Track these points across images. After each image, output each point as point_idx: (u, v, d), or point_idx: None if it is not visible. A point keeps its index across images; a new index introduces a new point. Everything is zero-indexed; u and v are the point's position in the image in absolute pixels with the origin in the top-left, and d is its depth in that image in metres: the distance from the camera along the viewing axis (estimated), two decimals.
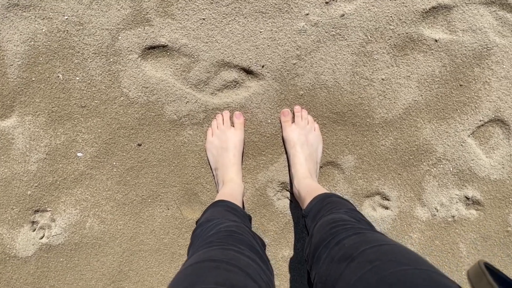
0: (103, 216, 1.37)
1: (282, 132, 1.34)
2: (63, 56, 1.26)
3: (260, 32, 1.26)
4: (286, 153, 1.36)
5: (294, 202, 1.39)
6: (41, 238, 1.36)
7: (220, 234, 0.86)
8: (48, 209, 1.35)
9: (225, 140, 1.30)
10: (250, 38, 1.26)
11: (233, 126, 1.32)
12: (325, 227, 0.88)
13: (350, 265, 0.68)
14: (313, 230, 0.94)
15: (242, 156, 1.35)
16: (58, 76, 1.27)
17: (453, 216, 1.39)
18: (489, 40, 1.26)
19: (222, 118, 1.32)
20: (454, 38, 1.27)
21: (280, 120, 1.33)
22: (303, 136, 1.29)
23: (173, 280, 0.67)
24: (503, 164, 1.35)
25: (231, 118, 1.32)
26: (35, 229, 1.36)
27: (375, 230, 0.84)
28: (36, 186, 1.33)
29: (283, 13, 1.25)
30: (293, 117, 1.32)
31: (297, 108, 1.31)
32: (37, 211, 1.35)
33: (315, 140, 1.32)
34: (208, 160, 1.36)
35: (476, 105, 1.31)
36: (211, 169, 1.37)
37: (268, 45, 1.27)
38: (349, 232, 0.79)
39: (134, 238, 1.40)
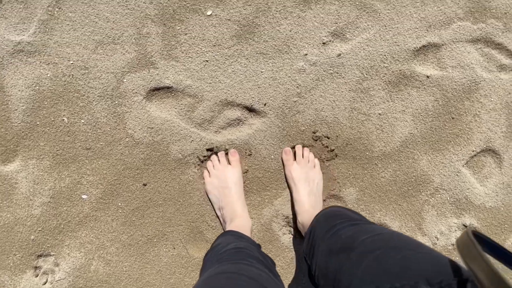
0: (108, 258, 1.36)
1: (284, 169, 1.37)
2: (68, 100, 1.27)
3: (262, 72, 1.31)
4: (289, 189, 1.38)
5: (298, 237, 1.41)
6: (44, 283, 1.33)
7: (230, 252, 0.88)
8: (52, 253, 1.33)
9: (224, 179, 1.31)
10: (252, 78, 1.31)
11: (229, 164, 1.34)
12: (320, 223, 0.91)
13: (350, 256, 0.67)
14: (309, 229, 0.99)
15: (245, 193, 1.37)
16: (63, 119, 1.28)
17: (453, 244, 1.43)
18: (476, 75, 1.34)
19: (217, 159, 1.34)
20: (444, 74, 1.34)
21: (281, 158, 1.37)
22: (304, 174, 1.33)
23: None
24: (496, 192, 1.41)
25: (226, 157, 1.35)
26: (38, 275, 1.33)
27: (370, 222, 0.85)
28: (39, 230, 1.31)
29: (283, 54, 1.30)
30: (295, 155, 1.36)
31: (298, 147, 1.35)
32: (40, 255, 1.33)
33: (316, 176, 1.35)
34: (210, 201, 1.37)
35: (468, 136, 1.38)
36: (214, 210, 1.37)
37: (270, 84, 1.31)
38: (345, 224, 0.80)
39: (140, 280, 1.38)
